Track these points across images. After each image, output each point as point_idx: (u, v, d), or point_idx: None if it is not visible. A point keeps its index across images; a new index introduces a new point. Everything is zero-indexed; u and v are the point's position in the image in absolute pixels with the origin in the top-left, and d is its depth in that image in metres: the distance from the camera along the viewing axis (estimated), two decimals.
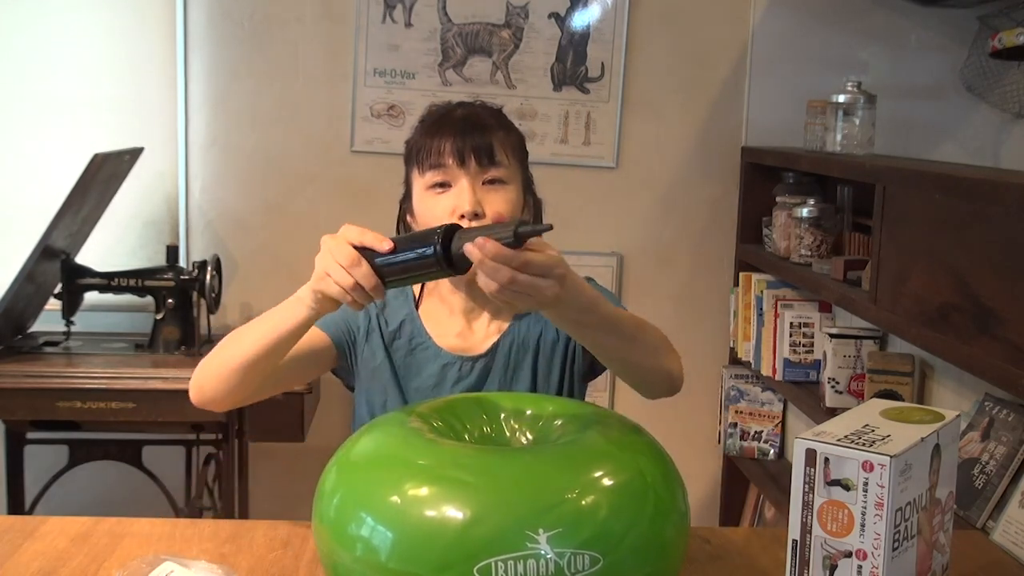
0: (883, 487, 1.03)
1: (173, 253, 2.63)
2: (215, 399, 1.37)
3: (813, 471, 1.07)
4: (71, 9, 2.77)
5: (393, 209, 1.57)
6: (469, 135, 1.43)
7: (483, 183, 1.42)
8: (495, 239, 1.07)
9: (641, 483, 1.06)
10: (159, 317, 2.59)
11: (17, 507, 2.73)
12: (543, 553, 0.97)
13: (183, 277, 2.59)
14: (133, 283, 2.59)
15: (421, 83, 2.84)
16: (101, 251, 2.79)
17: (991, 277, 1.66)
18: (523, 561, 0.96)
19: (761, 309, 2.72)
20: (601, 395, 2.98)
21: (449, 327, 1.50)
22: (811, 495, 1.07)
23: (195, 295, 2.59)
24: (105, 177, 2.52)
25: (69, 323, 2.57)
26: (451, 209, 1.40)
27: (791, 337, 2.63)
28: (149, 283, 2.59)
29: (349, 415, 1.57)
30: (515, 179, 1.47)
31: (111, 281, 2.58)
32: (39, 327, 2.65)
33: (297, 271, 2.82)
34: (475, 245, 1.07)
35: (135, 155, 2.67)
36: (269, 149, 2.85)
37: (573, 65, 2.86)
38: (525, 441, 1.23)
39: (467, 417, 1.24)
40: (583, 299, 1.17)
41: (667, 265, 2.97)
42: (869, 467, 1.04)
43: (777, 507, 2.67)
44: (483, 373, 1.48)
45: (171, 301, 2.58)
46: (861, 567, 1.05)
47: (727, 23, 2.88)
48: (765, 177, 2.80)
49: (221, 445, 2.59)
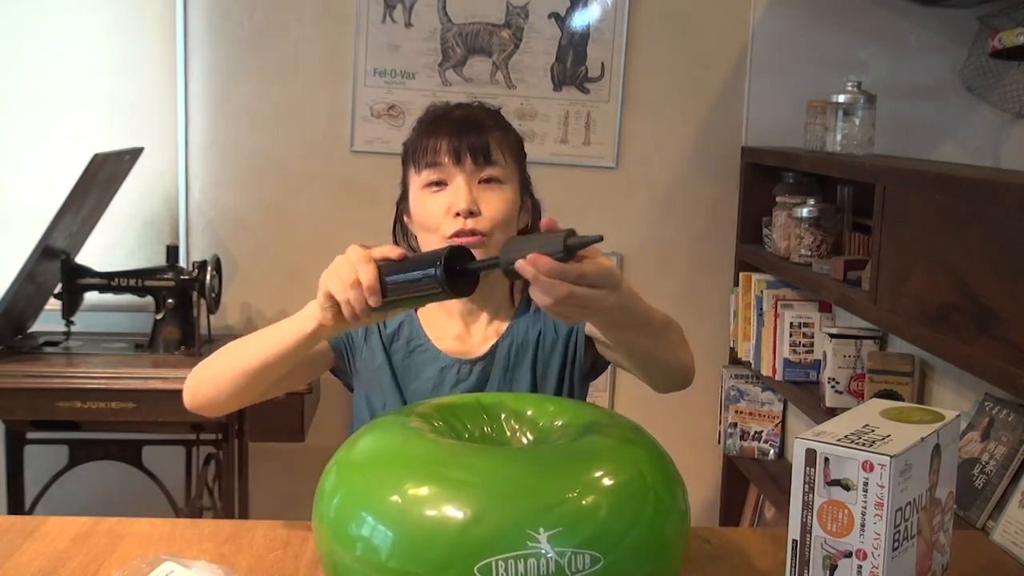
0: (883, 487, 1.03)
1: (173, 253, 2.63)
2: (209, 404, 1.37)
3: (813, 471, 1.07)
4: (71, 9, 2.77)
5: (393, 209, 1.57)
6: (466, 134, 1.43)
7: (479, 182, 1.42)
8: (546, 253, 1.02)
9: (641, 483, 1.06)
10: (159, 317, 2.59)
11: (17, 507, 2.73)
12: (543, 552, 0.97)
13: (183, 277, 2.59)
14: (133, 283, 2.59)
15: (421, 83, 2.84)
16: (101, 251, 2.79)
17: (991, 277, 1.66)
18: (523, 560, 0.96)
19: (761, 309, 2.72)
20: (601, 395, 2.98)
21: (447, 329, 1.50)
22: (811, 495, 1.07)
23: (195, 295, 2.59)
24: (105, 177, 2.52)
25: (69, 323, 2.57)
26: (446, 207, 1.40)
27: (791, 337, 2.63)
28: (149, 283, 2.59)
29: (349, 415, 1.56)
30: (512, 179, 1.46)
31: (111, 281, 2.58)
32: (39, 327, 2.65)
33: (297, 271, 2.86)
34: (528, 262, 1.02)
35: (135, 155, 2.67)
36: (269, 149, 2.85)
37: (573, 65, 2.86)
38: (525, 441, 1.23)
39: (467, 417, 1.24)
40: (630, 302, 1.15)
41: (667, 265, 2.97)
42: (869, 467, 1.04)
43: (777, 507, 2.67)
44: (482, 375, 1.48)
45: (171, 301, 2.58)
46: (861, 567, 1.05)
47: (727, 23, 2.88)
48: (765, 177, 2.80)
49: (221, 445, 2.59)
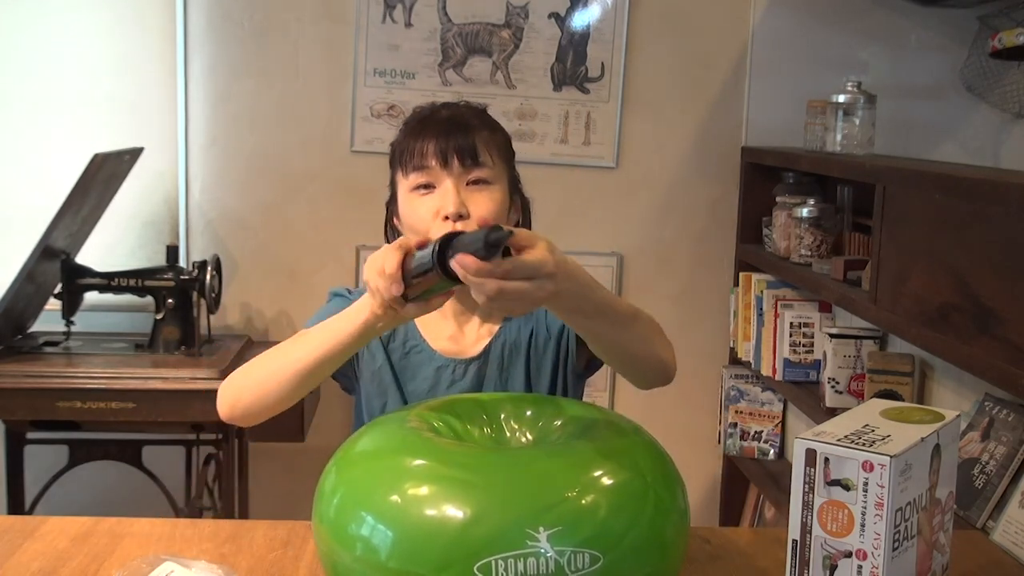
0: (883, 487, 1.03)
1: (173, 253, 2.63)
2: (251, 411, 1.34)
3: (813, 471, 1.07)
4: (71, 9, 2.77)
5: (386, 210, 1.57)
6: (452, 136, 1.42)
7: (467, 184, 1.41)
8: (470, 252, 1.03)
9: (641, 483, 1.06)
10: (159, 317, 2.59)
11: (17, 507, 2.73)
12: (543, 551, 0.97)
13: (183, 277, 2.59)
14: (133, 283, 2.58)
15: (421, 83, 2.84)
16: (101, 251, 2.79)
17: (991, 277, 1.66)
18: (523, 559, 0.96)
19: (761, 309, 2.72)
20: (601, 395, 2.98)
21: (441, 330, 1.50)
22: (811, 495, 1.07)
23: (195, 295, 2.59)
24: (105, 177, 2.52)
25: (69, 323, 2.57)
26: (435, 210, 1.39)
27: (791, 337, 2.63)
28: (149, 283, 2.59)
29: (349, 415, 1.57)
30: (500, 179, 1.46)
31: (111, 281, 2.58)
32: (39, 327, 2.65)
33: (297, 271, 2.86)
34: (456, 263, 1.03)
35: (135, 155, 2.67)
36: (269, 149, 2.85)
37: (573, 65, 2.86)
38: (525, 441, 1.23)
39: (467, 417, 1.24)
40: (580, 288, 1.15)
41: (667, 265, 2.97)
42: (869, 467, 1.03)
43: (777, 507, 2.67)
44: (477, 375, 1.48)
45: (171, 301, 2.58)
46: (861, 567, 1.05)
47: (727, 23, 2.88)
48: (765, 177, 2.80)
49: (221, 445, 2.59)
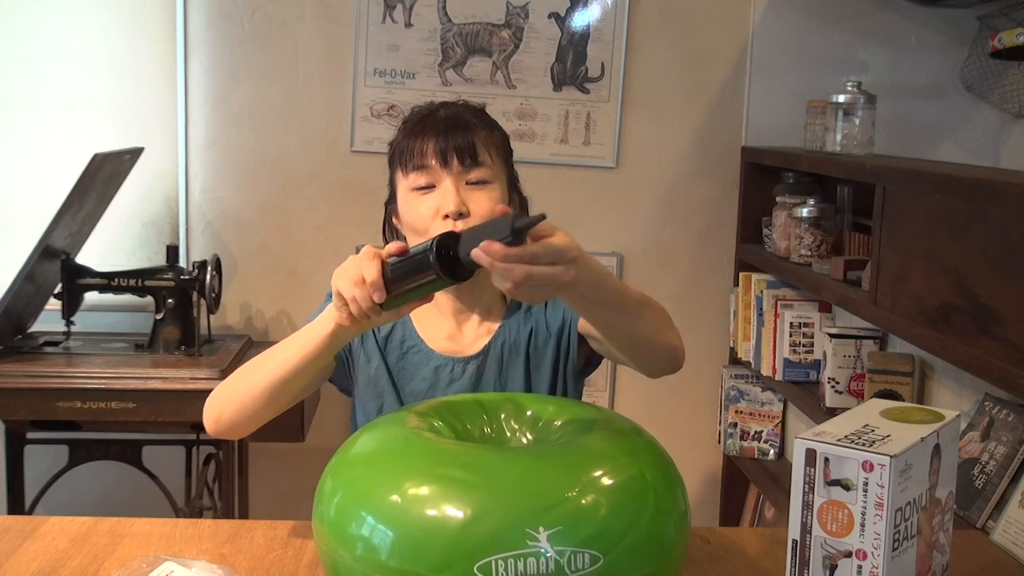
0: (883, 487, 1.03)
1: (173, 253, 2.63)
2: (234, 426, 1.35)
3: (813, 471, 1.07)
4: (71, 9, 2.77)
5: (384, 210, 1.57)
6: (452, 135, 1.43)
7: (467, 183, 1.42)
8: (496, 239, 1.04)
9: (641, 483, 1.06)
10: (159, 317, 2.59)
11: (17, 507, 2.73)
12: (543, 551, 0.97)
13: (183, 277, 2.59)
14: (133, 283, 2.58)
15: (421, 83, 2.84)
16: (101, 251, 2.79)
17: (991, 277, 1.66)
18: (523, 559, 0.96)
19: (761, 309, 2.72)
20: (601, 395, 2.98)
21: (439, 329, 1.50)
22: (811, 495, 1.07)
23: (195, 295, 2.59)
24: (105, 177, 2.52)
25: (69, 323, 2.57)
26: (435, 210, 1.40)
27: (791, 337, 2.63)
28: (149, 283, 2.59)
29: (349, 415, 1.57)
30: (499, 178, 1.46)
31: (111, 281, 2.58)
32: (39, 327, 2.65)
33: (297, 271, 2.86)
34: (481, 250, 1.04)
35: (135, 155, 2.67)
36: (269, 149, 2.85)
37: (573, 65, 2.86)
38: (525, 441, 1.23)
39: (467, 417, 1.24)
40: (595, 276, 1.15)
41: (667, 265, 2.97)
42: (869, 467, 1.04)
43: (777, 507, 2.67)
44: (476, 374, 1.48)
45: (171, 301, 2.58)
46: (861, 567, 1.05)
47: (727, 23, 2.88)
48: (765, 177, 2.80)
49: (221, 445, 2.59)
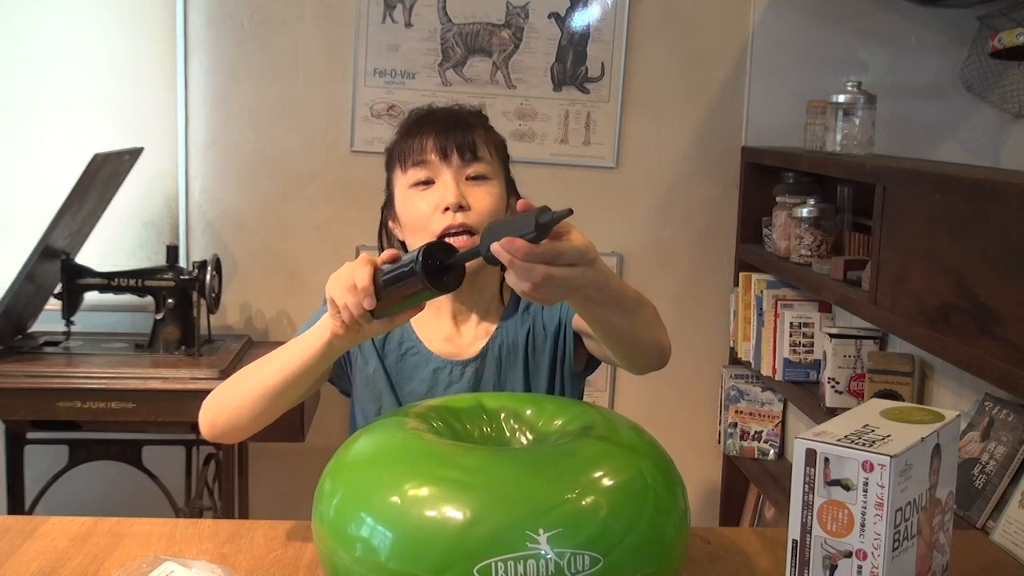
0: (883, 487, 1.03)
1: (173, 253, 2.63)
2: (230, 431, 1.34)
3: (813, 471, 1.07)
4: (71, 9, 2.77)
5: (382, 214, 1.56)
6: (451, 131, 1.43)
7: (467, 178, 1.43)
8: (520, 235, 1.00)
9: (641, 483, 1.06)
10: (159, 317, 2.59)
11: (17, 507, 2.73)
12: (543, 553, 0.97)
13: (183, 277, 2.59)
14: (133, 283, 2.58)
15: (421, 83, 2.84)
16: (101, 251, 2.79)
17: (991, 277, 1.66)
18: (523, 561, 0.96)
19: (761, 309, 2.72)
20: (601, 395, 2.98)
21: (437, 331, 1.50)
22: (811, 495, 1.07)
23: (195, 295, 2.59)
24: (105, 177, 2.52)
25: (69, 323, 2.57)
26: (435, 205, 1.40)
27: (791, 337, 2.63)
28: (149, 283, 2.59)
29: (348, 415, 1.57)
30: (498, 176, 1.47)
31: (111, 281, 2.58)
32: (39, 327, 2.65)
33: (297, 271, 2.86)
34: (502, 246, 1.00)
35: (135, 155, 2.67)
36: (269, 149, 2.85)
37: (573, 65, 2.86)
38: (525, 441, 1.23)
39: (467, 417, 1.24)
40: (601, 277, 1.13)
41: (667, 265, 2.97)
42: (869, 467, 1.03)
43: (777, 507, 2.67)
44: (475, 377, 1.48)
45: (171, 301, 2.58)
46: (861, 567, 1.05)
47: (727, 23, 2.88)
48: (765, 177, 2.80)
49: (221, 445, 2.59)
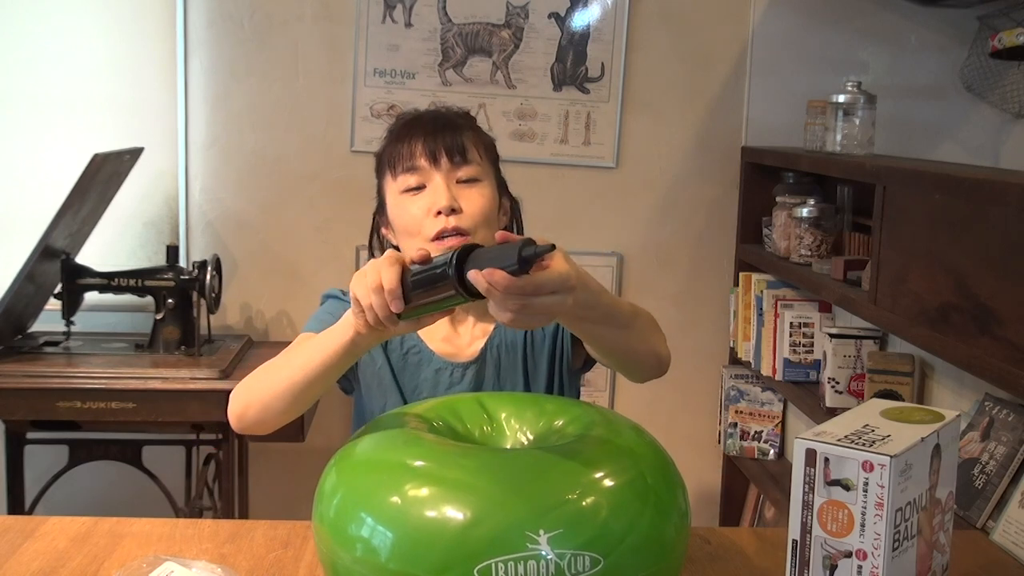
0: (883, 487, 1.03)
1: (173, 253, 2.63)
2: (259, 423, 1.33)
3: (813, 471, 1.07)
4: (71, 9, 2.77)
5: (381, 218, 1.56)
6: (440, 135, 1.42)
7: (457, 181, 1.42)
8: (501, 267, 0.98)
9: (641, 483, 1.06)
10: (159, 317, 2.59)
11: (17, 507, 2.73)
12: (543, 554, 0.97)
13: (183, 277, 2.59)
14: (133, 283, 2.58)
15: (421, 83, 2.84)
16: (101, 251, 2.79)
17: (991, 277, 1.66)
18: (523, 562, 0.96)
19: (761, 309, 2.72)
20: (601, 395, 2.98)
21: (436, 332, 1.50)
22: (811, 495, 1.07)
23: (195, 295, 2.59)
24: (105, 177, 2.52)
25: (69, 323, 2.57)
26: (427, 208, 1.40)
27: (791, 337, 2.63)
28: (149, 283, 2.59)
29: (349, 415, 1.57)
30: (488, 177, 1.46)
31: (111, 281, 2.57)
32: (39, 327, 2.65)
33: (297, 271, 2.86)
34: (482, 276, 0.98)
35: (135, 155, 2.67)
36: (269, 149, 2.85)
37: (573, 65, 2.86)
38: (525, 441, 1.23)
39: (467, 417, 1.24)
40: (590, 296, 1.13)
41: (667, 265, 2.97)
42: (869, 467, 1.03)
43: (777, 507, 2.67)
44: (475, 379, 1.48)
45: (171, 301, 2.58)
46: (861, 567, 1.05)
47: (727, 23, 2.88)
48: (765, 177, 2.80)
49: (221, 445, 2.59)
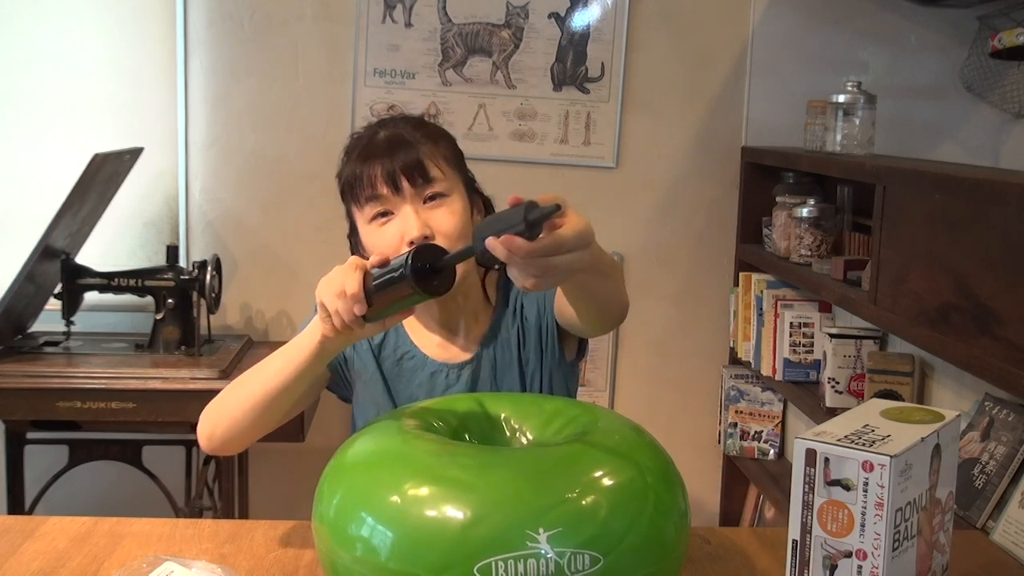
0: (883, 487, 1.03)
1: (173, 253, 2.63)
2: (228, 442, 1.34)
3: (813, 471, 1.07)
4: (71, 9, 2.77)
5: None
6: (395, 157, 1.40)
7: (424, 201, 1.40)
8: (512, 232, 0.97)
9: (641, 483, 1.06)
10: (159, 317, 2.59)
11: (17, 507, 2.73)
12: (543, 553, 0.97)
13: (183, 277, 2.59)
14: (133, 283, 2.58)
15: (421, 83, 2.84)
16: (101, 251, 2.79)
17: (991, 277, 1.66)
18: (523, 561, 0.96)
19: (761, 309, 2.72)
20: (601, 395, 2.98)
21: (430, 337, 1.50)
22: (811, 495, 1.07)
23: (195, 295, 2.59)
24: (105, 177, 2.52)
25: (69, 323, 2.57)
26: (399, 235, 1.38)
27: (791, 337, 2.63)
28: (149, 283, 2.59)
29: (349, 415, 1.57)
30: (455, 187, 1.44)
31: (111, 281, 2.57)
32: (39, 327, 2.65)
33: (297, 271, 2.86)
34: (500, 244, 0.96)
35: (135, 155, 2.67)
36: (269, 149, 2.85)
37: (573, 65, 2.86)
38: (525, 441, 1.23)
39: (467, 417, 1.24)
40: (596, 249, 1.10)
41: (667, 265, 2.97)
42: (869, 467, 1.03)
43: (777, 507, 2.67)
44: (471, 378, 1.48)
45: (171, 301, 2.58)
46: (861, 567, 1.05)
47: (727, 23, 2.88)
48: (765, 177, 2.80)
49: None
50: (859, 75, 2.79)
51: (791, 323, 2.63)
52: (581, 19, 2.84)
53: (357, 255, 1.49)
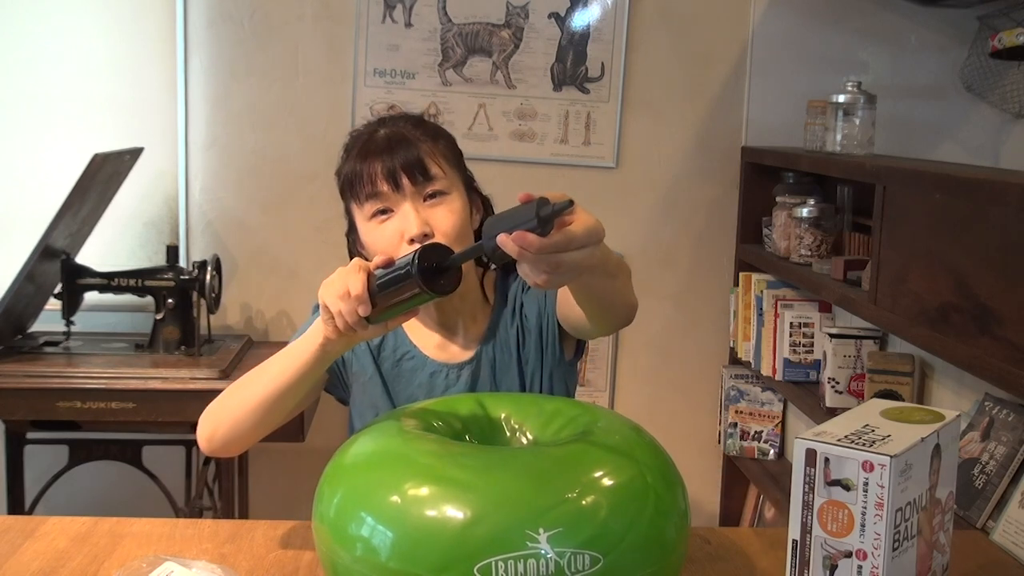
0: (883, 487, 1.03)
1: (173, 253, 2.63)
2: (229, 443, 1.34)
3: (813, 471, 1.07)
4: (71, 9, 2.77)
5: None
6: (396, 154, 1.40)
7: (424, 199, 1.40)
8: (523, 229, 0.96)
9: (641, 483, 1.06)
10: (159, 317, 2.59)
11: (17, 507, 2.73)
12: (543, 553, 0.97)
13: (183, 277, 2.59)
14: (133, 283, 2.58)
15: (421, 83, 2.84)
16: (101, 251, 2.79)
17: (991, 277, 1.66)
18: (523, 561, 0.96)
19: (761, 309, 2.72)
20: (601, 395, 2.98)
21: (429, 337, 1.50)
22: (811, 495, 1.07)
23: (195, 295, 2.59)
24: (105, 177, 2.52)
25: (69, 323, 2.57)
26: (399, 233, 1.38)
27: (791, 337, 2.63)
28: (149, 283, 2.59)
29: (348, 418, 1.57)
30: (455, 185, 1.44)
31: (111, 281, 2.57)
32: (39, 327, 2.65)
33: (297, 271, 2.86)
34: (512, 240, 0.96)
35: (135, 155, 2.67)
36: (269, 149, 2.85)
37: (573, 65, 2.86)
38: (525, 441, 1.23)
39: (467, 417, 1.24)
40: (603, 247, 1.10)
41: (667, 265, 2.97)
42: (869, 467, 1.03)
43: (777, 507, 2.67)
44: (471, 378, 1.48)
45: (171, 301, 2.58)
46: (861, 567, 1.05)
47: (727, 23, 2.88)
48: (765, 177, 2.80)
49: None
50: (859, 75, 2.79)
51: (791, 323, 2.63)
52: (581, 19, 2.84)
53: (355, 254, 1.50)
